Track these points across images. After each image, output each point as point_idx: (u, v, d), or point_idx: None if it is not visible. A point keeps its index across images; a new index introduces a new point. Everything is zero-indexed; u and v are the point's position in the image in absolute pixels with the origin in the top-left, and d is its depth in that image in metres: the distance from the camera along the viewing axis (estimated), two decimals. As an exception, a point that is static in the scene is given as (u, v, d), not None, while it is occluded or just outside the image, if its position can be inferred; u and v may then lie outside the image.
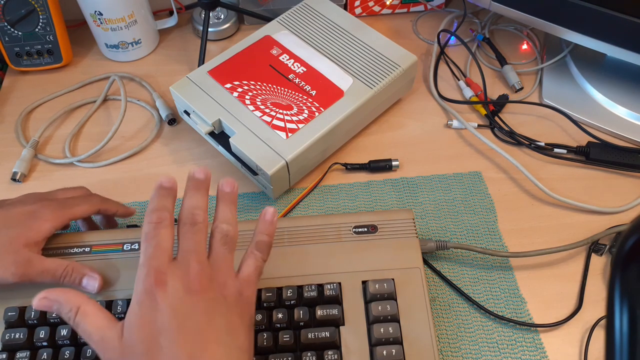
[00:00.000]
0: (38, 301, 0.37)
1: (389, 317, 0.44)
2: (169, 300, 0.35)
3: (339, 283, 0.46)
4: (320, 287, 0.46)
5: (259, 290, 0.46)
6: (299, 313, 0.44)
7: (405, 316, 0.45)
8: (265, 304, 0.45)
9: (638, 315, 0.27)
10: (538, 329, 0.49)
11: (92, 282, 0.45)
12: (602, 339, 0.43)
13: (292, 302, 0.45)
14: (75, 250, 0.48)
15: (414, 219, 0.50)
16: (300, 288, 0.46)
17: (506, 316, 0.50)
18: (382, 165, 0.59)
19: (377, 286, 0.45)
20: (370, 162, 0.60)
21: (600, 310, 0.50)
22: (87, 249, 0.48)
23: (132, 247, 0.48)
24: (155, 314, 0.34)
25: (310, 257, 0.48)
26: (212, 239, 0.39)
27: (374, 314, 0.44)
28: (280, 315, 0.44)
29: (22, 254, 0.44)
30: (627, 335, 0.27)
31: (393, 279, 0.46)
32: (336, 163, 0.60)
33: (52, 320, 0.44)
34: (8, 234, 0.44)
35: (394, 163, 0.59)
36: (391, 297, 0.45)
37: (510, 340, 0.49)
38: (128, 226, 0.53)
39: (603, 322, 0.49)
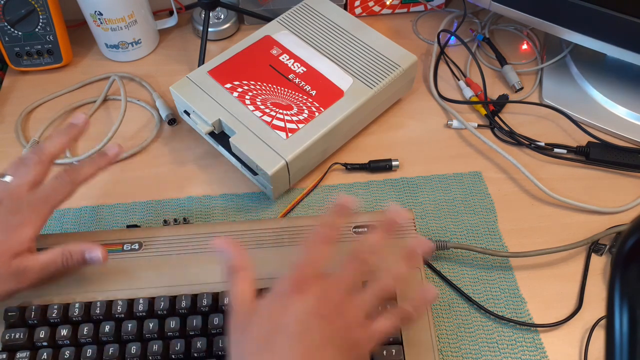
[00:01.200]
0: (218, 242, 0.40)
1: None
2: (300, 310, 0.36)
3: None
4: None
5: (259, 290, 0.45)
6: None
7: None
8: None
9: (638, 315, 0.27)
10: (538, 329, 0.49)
11: (95, 255, 0.44)
12: (602, 339, 0.43)
13: None
14: None
15: (414, 219, 0.50)
16: None
17: (506, 316, 0.50)
18: (382, 165, 0.59)
19: None
20: (370, 162, 0.60)
21: (600, 310, 0.50)
22: None
23: (132, 247, 0.48)
24: (284, 311, 0.37)
25: None
26: (375, 282, 0.40)
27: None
28: None
29: (14, 266, 0.42)
30: (627, 335, 0.27)
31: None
32: (336, 163, 0.60)
33: (52, 321, 0.44)
34: None
35: (394, 163, 0.59)
36: (391, 297, 0.45)
37: (510, 340, 0.49)
38: (128, 226, 0.53)
39: (603, 322, 0.49)
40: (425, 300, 0.40)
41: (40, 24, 0.66)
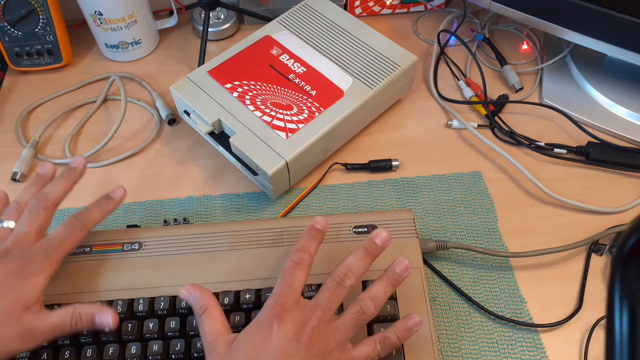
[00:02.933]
0: (183, 291, 0.42)
1: (389, 317, 0.44)
2: (279, 337, 0.38)
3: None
4: (320, 287, 0.45)
5: (259, 290, 0.46)
6: None
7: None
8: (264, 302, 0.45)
9: (638, 315, 0.27)
10: (538, 329, 0.49)
11: (105, 319, 0.41)
12: (602, 339, 0.43)
13: None
14: (76, 250, 0.47)
15: (414, 219, 0.50)
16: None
17: (506, 316, 0.50)
18: (382, 165, 0.59)
19: None
20: (370, 162, 0.60)
21: (600, 310, 0.50)
22: (87, 249, 0.48)
23: (132, 247, 0.48)
24: (265, 340, 0.38)
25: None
26: (352, 306, 0.40)
27: None
28: None
29: (24, 323, 0.40)
30: (627, 335, 0.27)
31: None
32: (336, 163, 0.60)
33: None
34: (3, 305, 0.39)
35: (394, 163, 0.59)
36: (391, 297, 0.45)
37: (510, 340, 0.49)
38: (128, 226, 0.53)
39: (603, 322, 0.49)
40: (408, 330, 0.41)
41: (40, 24, 0.66)
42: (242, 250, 0.48)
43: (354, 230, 0.49)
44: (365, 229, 0.49)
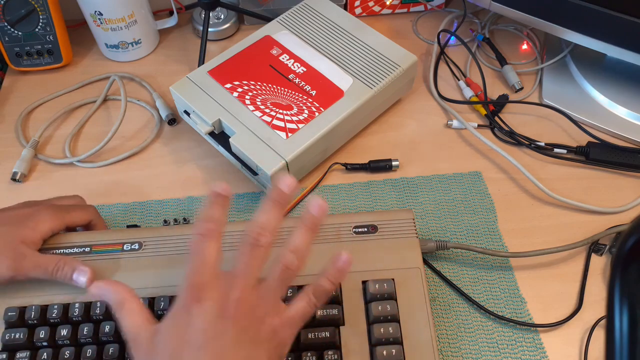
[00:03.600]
0: (92, 289, 0.40)
1: (389, 317, 0.44)
2: (201, 319, 0.35)
3: (339, 283, 0.46)
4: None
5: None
6: None
7: (405, 316, 0.45)
8: None
9: (638, 315, 0.27)
10: (538, 329, 0.49)
11: (82, 277, 0.45)
12: (602, 339, 0.43)
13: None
14: (76, 250, 0.48)
15: (414, 219, 0.50)
16: (300, 288, 0.45)
17: (506, 316, 0.50)
18: (382, 165, 0.59)
19: (377, 286, 0.45)
20: (370, 162, 0.60)
21: (600, 310, 0.50)
22: (87, 249, 0.48)
23: (132, 247, 0.48)
24: (187, 328, 0.35)
25: (310, 257, 0.47)
26: (273, 265, 0.37)
27: (374, 314, 0.44)
28: None
29: (18, 249, 0.45)
30: (627, 335, 0.27)
31: (393, 279, 0.46)
32: (336, 163, 0.60)
33: (52, 320, 0.44)
34: (7, 231, 0.45)
35: (394, 163, 0.59)
36: (391, 297, 0.45)
37: (510, 340, 0.49)
38: (128, 226, 0.53)
39: (603, 322, 0.49)
40: (340, 271, 0.38)
41: (40, 24, 0.66)
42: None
43: (354, 230, 0.49)
44: (365, 229, 0.49)
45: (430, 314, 0.45)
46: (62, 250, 0.48)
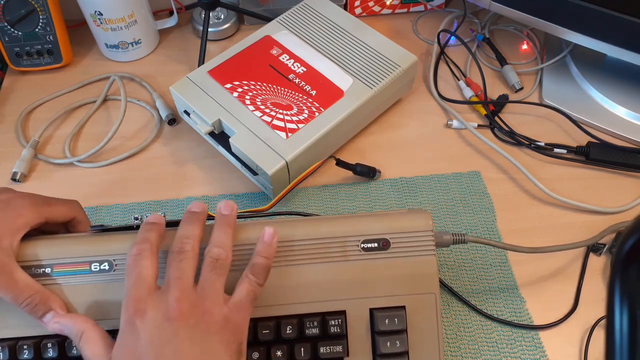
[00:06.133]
0: (52, 325, 0.39)
1: (398, 354, 0.41)
2: (148, 328, 0.35)
3: (344, 312, 0.42)
4: (323, 320, 0.41)
5: (255, 323, 0.41)
6: (300, 351, 0.41)
7: (415, 350, 0.42)
8: (262, 340, 0.41)
9: (638, 315, 0.27)
10: (537, 329, 0.49)
11: (53, 322, 0.39)
12: (602, 339, 0.43)
13: (292, 338, 0.41)
14: (34, 270, 0.41)
15: (432, 230, 0.42)
16: (300, 322, 0.41)
17: (505, 315, 0.50)
18: (365, 171, 0.58)
19: (387, 322, 0.41)
20: (357, 164, 0.58)
21: (600, 310, 0.50)
22: (47, 269, 0.41)
23: (102, 267, 0.42)
24: (136, 343, 0.35)
25: (312, 279, 0.42)
26: (203, 264, 0.38)
27: (381, 350, 0.41)
28: (279, 353, 0.41)
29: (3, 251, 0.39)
30: (627, 335, 0.27)
31: (404, 307, 0.42)
32: (332, 156, 0.58)
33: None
34: None
35: (377, 174, 0.59)
36: (402, 331, 0.41)
37: (510, 340, 0.49)
38: (92, 227, 0.44)
39: (603, 322, 0.49)
40: (269, 245, 0.40)
41: (40, 24, 0.66)
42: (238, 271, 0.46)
43: (362, 246, 0.42)
44: (376, 245, 0.42)
45: (441, 348, 0.42)
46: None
